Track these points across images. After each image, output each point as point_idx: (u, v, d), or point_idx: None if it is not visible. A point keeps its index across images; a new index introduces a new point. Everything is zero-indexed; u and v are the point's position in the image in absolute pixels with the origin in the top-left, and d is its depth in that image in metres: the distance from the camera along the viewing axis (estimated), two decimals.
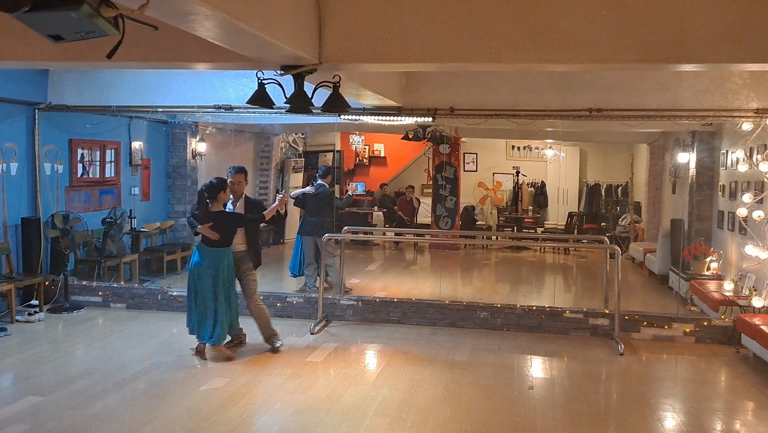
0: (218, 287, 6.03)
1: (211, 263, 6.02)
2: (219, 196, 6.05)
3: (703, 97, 7.06)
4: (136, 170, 10.04)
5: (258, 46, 3.92)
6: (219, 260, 6.05)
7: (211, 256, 6.03)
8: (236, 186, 6.32)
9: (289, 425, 4.64)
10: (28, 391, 5.18)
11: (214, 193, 6.03)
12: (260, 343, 6.50)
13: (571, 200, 14.94)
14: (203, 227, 6.00)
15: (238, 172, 6.37)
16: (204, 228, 5.99)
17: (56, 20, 2.42)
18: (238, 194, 6.37)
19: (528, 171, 14.86)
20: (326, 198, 8.62)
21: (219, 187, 6.06)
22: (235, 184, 6.31)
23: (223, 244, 6.07)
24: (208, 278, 6.01)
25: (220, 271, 6.05)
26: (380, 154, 16.15)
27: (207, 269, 6.01)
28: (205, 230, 5.99)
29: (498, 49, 4.32)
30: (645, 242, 11.94)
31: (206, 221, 6.00)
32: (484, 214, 14.80)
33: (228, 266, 6.13)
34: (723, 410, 5.31)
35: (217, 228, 6.00)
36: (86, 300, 8.11)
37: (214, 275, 6.02)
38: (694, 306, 8.02)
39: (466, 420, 4.77)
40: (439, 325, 7.46)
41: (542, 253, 13.53)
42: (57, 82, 8.22)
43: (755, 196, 7.39)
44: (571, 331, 7.24)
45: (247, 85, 7.26)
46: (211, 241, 6.02)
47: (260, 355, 6.23)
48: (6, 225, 7.74)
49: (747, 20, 4.12)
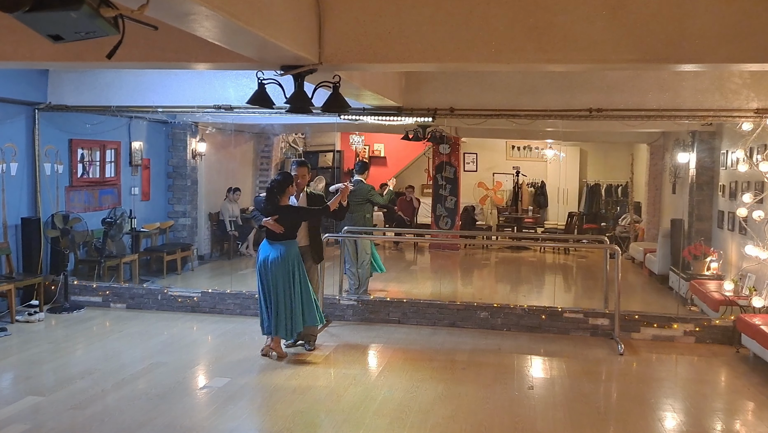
0: (292, 280, 5.99)
1: (281, 257, 5.98)
2: (287, 191, 6.08)
3: (703, 97, 7.06)
4: (136, 170, 10.04)
5: (258, 46, 3.92)
6: (288, 252, 6.02)
7: (279, 250, 6.02)
8: (300, 179, 6.36)
9: (289, 425, 4.64)
10: (28, 391, 5.18)
11: (283, 188, 6.04)
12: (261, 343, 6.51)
13: (571, 200, 14.94)
14: (268, 221, 5.99)
15: (301, 166, 6.46)
16: (269, 221, 5.98)
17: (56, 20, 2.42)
18: (300, 188, 6.41)
19: (528, 171, 14.86)
20: (364, 194, 8.51)
21: (287, 181, 6.09)
22: (299, 177, 6.36)
23: (289, 237, 6.07)
24: (279, 272, 5.96)
25: (291, 263, 6.01)
26: (380, 154, 16.15)
27: (276, 264, 5.97)
28: (270, 223, 5.98)
29: (498, 49, 4.32)
30: (645, 242, 11.94)
31: (272, 214, 6.01)
32: (484, 214, 14.80)
33: (297, 257, 6.09)
34: (723, 410, 5.31)
35: (283, 221, 6.00)
36: (86, 300, 8.11)
37: (285, 268, 5.98)
38: (694, 306, 8.02)
39: (466, 420, 4.77)
40: (439, 325, 7.46)
41: (542, 253, 13.53)
42: (57, 82, 8.22)
43: (755, 196, 7.39)
44: (571, 331, 7.24)
45: (247, 85, 7.26)
46: (276, 235, 6.01)
47: (260, 355, 6.22)
48: (6, 225, 7.74)
49: (747, 20, 4.12)
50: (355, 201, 8.28)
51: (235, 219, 11.54)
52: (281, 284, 5.96)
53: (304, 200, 6.40)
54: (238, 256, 11.63)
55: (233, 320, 7.57)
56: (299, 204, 6.34)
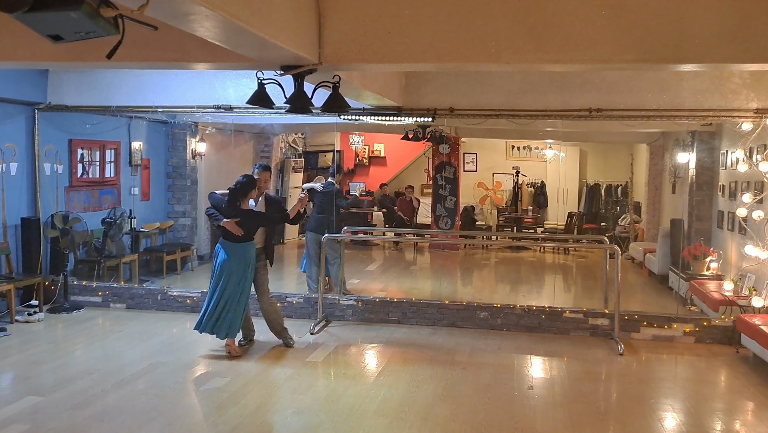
0: (244, 282, 6.12)
1: (239, 259, 6.09)
2: (250, 194, 6.13)
3: (703, 97, 7.06)
4: (135, 170, 10.03)
5: (258, 46, 3.92)
6: (247, 255, 6.13)
7: (238, 251, 6.10)
8: (263, 183, 6.38)
9: (289, 425, 4.64)
10: (28, 391, 5.17)
11: (246, 192, 6.08)
12: (261, 343, 6.51)
13: (570, 200, 14.94)
14: (228, 222, 6.03)
15: (264, 170, 6.46)
16: (229, 223, 6.02)
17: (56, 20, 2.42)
18: (261, 192, 6.42)
19: (528, 171, 14.85)
20: (332, 196, 8.54)
21: (250, 185, 6.12)
22: (262, 181, 6.37)
23: (247, 239, 6.14)
24: (236, 274, 6.07)
25: (248, 265, 6.14)
26: (380, 154, 16.16)
27: (237, 265, 6.07)
28: (230, 225, 6.02)
29: (498, 49, 4.32)
30: (645, 242, 11.94)
31: (234, 217, 6.05)
32: (483, 214, 14.79)
33: (253, 260, 6.22)
34: (723, 410, 5.31)
35: (243, 225, 6.05)
36: (86, 300, 8.11)
37: (241, 270, 6.09)
38: (694, 306, 8.01)
39: (466, 420, 4.77)
40: (439, 325, 7.46)
41: (542, 253, 13.53)
42: (57, 82, 8.22)
43: (755, 196, 7.39)
44: (571, 331, 7.24)
45: (247, 85, 7.26)
46: (233, 236, 6.06)
47: (260, 355, 6.23)
48: (6, 225, 7.74)
49: (747, 20, 4.12)
50: (324, 202, 8.41)
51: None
52: (232, 286, 6.06)
53: (263, 204, 6.45)
54: None
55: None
56: (258, 207, 6.37)
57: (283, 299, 7.76)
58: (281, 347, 6.46)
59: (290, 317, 7.58)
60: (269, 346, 6.50)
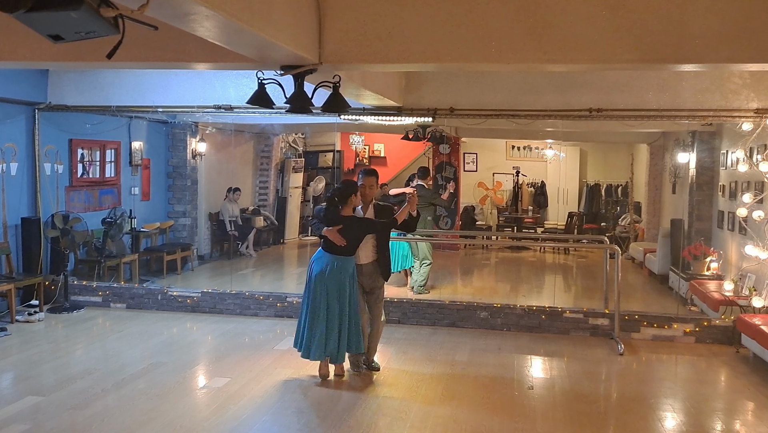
0: (344, 299, 5.42)
1: (337, 273, 5.39)
2: (350, 200, 5.43)
3: (703, 97, 7.06)
4: (136, 170, 10.04)
5: (258, 46, 3.92)
6: (345, 269, 5.42)
7: (336, 265, 5.40)
8: (368, 190, 5.60)
9: (290, 424, 4.64)
10: (28, 391, 5.18)
11: (345, 197, 5.41)
12: (261, 343, 6.51)
13: (571, 200, 14.93)
14: (330, 230, 5.35)
15: (369, 175, 5.65)
16: (331, 232, 5.34)
17: (56, 20, 2.42)
18: (368, 200, 5.63)
19: (528, 171, 14.85)
20: (428, 198, 8.60)
21: (350, 190, 5.45)
22: (367, 188, 5.59)
23: (348, 252, 5.43)
24: (334, 290, 5.39)
25: (346, 281, 5.43)
26: (380, 154, 16.14)
27: (333, 280, 5.38)
28: (332, 233, 5.33)
29: (498, 49, 4.32)
30: (645, 242, 11.93)
31: (335, 224, 5.40)
32: (484, 214, 14.79)
33: (353, 276, 5.49)
34: (723, 410, 5.31)
35: (346, 233, 5.37)
36: (86, 300, 8.11)
37: (339, 286, 5.40)
38: (694, 306, 8.01)
39: (466, 420, 4.77)
40: (439, 325, 7.46)
41: (542, 253, 13.53)
42: (57, 82, 8.22)
43: (755, 196, 7.39)
44: (571, 331, 7.24)
45: (247, 85, 7.26)
46: (335, 248, 5.38)
47: (260, 355, 6.23)
48: (6, 225, 7.74)
49: (747, 20, 4.12)
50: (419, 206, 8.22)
51: (235, 219, 11.55)
52: (337, 301, 5.41)
53: (372, 214, 5.64)
54: (237, 256, 11.64)
55: (233, 320, 7.57)
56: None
57: (284, 299, 7.76)
58: (281, 347, 6.45)
59: (290, 317, 7.59)
60: (269, 346, 6.49)
